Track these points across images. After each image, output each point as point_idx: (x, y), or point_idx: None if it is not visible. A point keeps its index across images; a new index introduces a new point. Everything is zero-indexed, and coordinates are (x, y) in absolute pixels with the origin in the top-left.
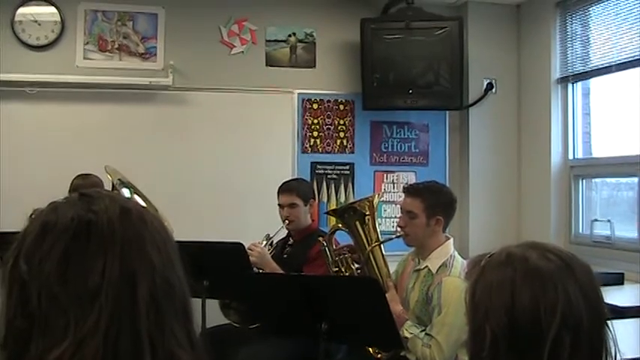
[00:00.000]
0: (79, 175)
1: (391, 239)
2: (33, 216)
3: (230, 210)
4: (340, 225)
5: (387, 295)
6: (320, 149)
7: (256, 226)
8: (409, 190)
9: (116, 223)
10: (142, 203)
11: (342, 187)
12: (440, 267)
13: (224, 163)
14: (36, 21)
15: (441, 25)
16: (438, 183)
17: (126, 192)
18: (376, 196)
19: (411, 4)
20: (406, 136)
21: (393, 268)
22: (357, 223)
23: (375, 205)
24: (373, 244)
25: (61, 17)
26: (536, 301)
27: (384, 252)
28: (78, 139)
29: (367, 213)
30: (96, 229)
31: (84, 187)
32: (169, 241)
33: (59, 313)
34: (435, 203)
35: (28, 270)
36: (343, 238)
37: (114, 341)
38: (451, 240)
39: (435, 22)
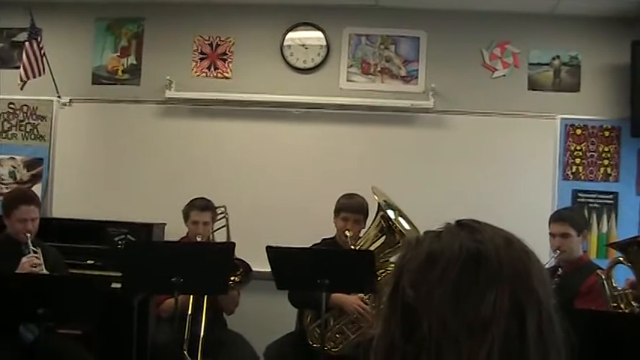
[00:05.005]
0: (345, 195)
1: None
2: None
3: None
4: (622, 259)
5: None
6: (582, 177)
7: None
8: None
9: (502, 253)
10: (406, 226)
11: (605, 216)
12: None
13: (482, 187)
14: (303, 45)
15: None
16: None
17: (391, 213)
18: None
19: None
20: None
21: None
22: None
23: None
24: None
25: (326, 41)
26: None
27: None
28: (339, 160)
29: None
30: (485, 259)
31: (350, 206)
32: (547, 273)
33: (450, 342)
34: None
35: (415, 296)
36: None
37: None
38: None
39: None
